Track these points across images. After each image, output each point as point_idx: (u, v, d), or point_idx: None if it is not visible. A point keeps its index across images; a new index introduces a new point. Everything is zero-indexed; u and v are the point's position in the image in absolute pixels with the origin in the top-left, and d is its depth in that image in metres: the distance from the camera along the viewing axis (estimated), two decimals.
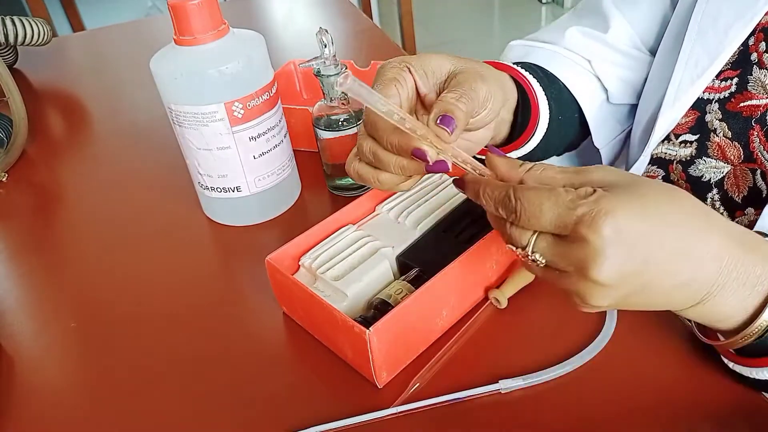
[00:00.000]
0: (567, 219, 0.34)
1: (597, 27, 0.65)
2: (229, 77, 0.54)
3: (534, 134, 0.56)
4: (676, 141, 0.60)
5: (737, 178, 0.55)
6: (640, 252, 0.33)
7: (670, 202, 0.35)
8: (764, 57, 0.53)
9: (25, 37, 0.96)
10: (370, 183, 0.44)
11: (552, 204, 0.34)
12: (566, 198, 0.34)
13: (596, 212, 0.32)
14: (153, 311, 0.55)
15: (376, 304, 0.47)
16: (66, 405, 0.48)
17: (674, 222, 0.34)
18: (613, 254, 0.33)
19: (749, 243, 0.36)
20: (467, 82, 0.42)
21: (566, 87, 0.64)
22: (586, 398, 0.43)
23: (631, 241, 0.33)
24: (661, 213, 0.34)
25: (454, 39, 3.07)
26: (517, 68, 0.56)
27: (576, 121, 0.65)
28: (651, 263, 0.34)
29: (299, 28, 1.20)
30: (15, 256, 0.65)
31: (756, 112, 0.54)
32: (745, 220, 0.55)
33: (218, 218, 0.65)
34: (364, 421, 0.43)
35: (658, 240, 0.33)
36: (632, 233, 0.33)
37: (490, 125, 0.48)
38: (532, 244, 0.36)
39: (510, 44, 0.70)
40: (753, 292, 0.36)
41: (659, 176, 0.62)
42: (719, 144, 0.56)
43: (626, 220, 0.33)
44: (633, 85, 0.67)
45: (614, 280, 0.33)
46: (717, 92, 0.57)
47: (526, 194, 0.35)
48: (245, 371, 0.48)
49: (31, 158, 0.82)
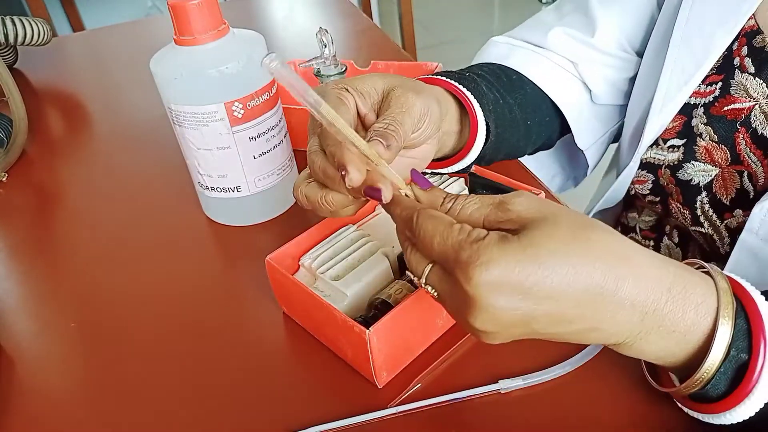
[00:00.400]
0: (450, 260, 0.33)
1: (582, 28, 0.65)
2: (229, 77, 0.54)
3: (475, 144, 0.55)
4: (664, 145, 0.60)
5: (725, 180, 0.56)
6: (520, 303, 0.32)
7: (582, 245, 0.32)
8: (745, 61, 0.54)
9: (25, 37, 0.96)
10: (316, 206, 0.42)
11: (441, 240, 0.34)
12: (456, 238, 0.33)
13: (475, 261, 0.31)
14: (153, 311, 0.55)
15: (376, 304, 0.47)
16: (66, 405, 0.48)
17: (577, 271, 0.32)
18: (486, 305, 0.32)
19: (678, 287, 0.34)
20: (402, 97, 0.42)
21: (542, 90, 0.64)
22: (586, 398, 0.43)
23: (508, 292, 0.31)
24: (561, 259, 0.31)
25: (454, 39, 3.07)
26: (451, 82, 0.54)
27: (549, 124, 0.65)
28: (538, 313, 0.32)
29: (299, 28, 1.20)
30: (15, 256, 0.65)
31: (740, 115, 0.55)
32: (734, 221, 0.55)
33: (218, 218, 0.65)
34: (364, 421, 0.43)
35: (547, 292, 0.31)
36: (509, 285, 0.31)
37: (433, 140, 0.48)
38: (426, 275, 0.36)
39: (492, 40, 0.70)
40: (683, 339, 0.34)
41: (649, 181, 0.63)
42: (706, 147, 0.57)
43: (504, 272, 0.31)
44: (619, 86, 0.67)
45: (492, 327, 0.33)
46: (702, 97, 0.57)
47: (424, 223, 0.35)
48: (245, 371, 0.48)
49: (31, 158, 0.82)
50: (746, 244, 0.52)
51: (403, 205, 0.38)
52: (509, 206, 0.34)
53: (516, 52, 0.66)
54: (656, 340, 0.34)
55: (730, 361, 0.34)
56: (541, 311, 0.32)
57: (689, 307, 0.34)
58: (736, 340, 0.34)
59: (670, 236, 0.65)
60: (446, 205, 0.37)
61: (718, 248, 0.58)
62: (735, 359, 0.34)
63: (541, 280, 0.31)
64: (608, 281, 0.32)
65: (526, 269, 0.31)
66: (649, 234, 0.67)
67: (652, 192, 0.63)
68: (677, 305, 0.33)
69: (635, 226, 0.69)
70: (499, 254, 0.31)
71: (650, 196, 0.63)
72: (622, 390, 0.43)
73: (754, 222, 0.51)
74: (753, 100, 0.54)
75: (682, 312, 0.34)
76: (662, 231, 0.66)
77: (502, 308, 0.32)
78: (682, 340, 0.34)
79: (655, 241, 0.67)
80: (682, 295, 0.34)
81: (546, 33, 0.66)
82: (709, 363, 0.34)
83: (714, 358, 0.34)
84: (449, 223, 0.34)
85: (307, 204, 0.42)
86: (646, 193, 0.63)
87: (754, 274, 0.52)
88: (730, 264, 0.54)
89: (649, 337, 0.34)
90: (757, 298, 0.35)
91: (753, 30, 0.54)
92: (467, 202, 0.36)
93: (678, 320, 0.34)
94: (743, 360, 0.34)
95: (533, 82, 0.64)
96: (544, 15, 0.70)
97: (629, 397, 0.42)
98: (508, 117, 0.57)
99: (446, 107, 0.51)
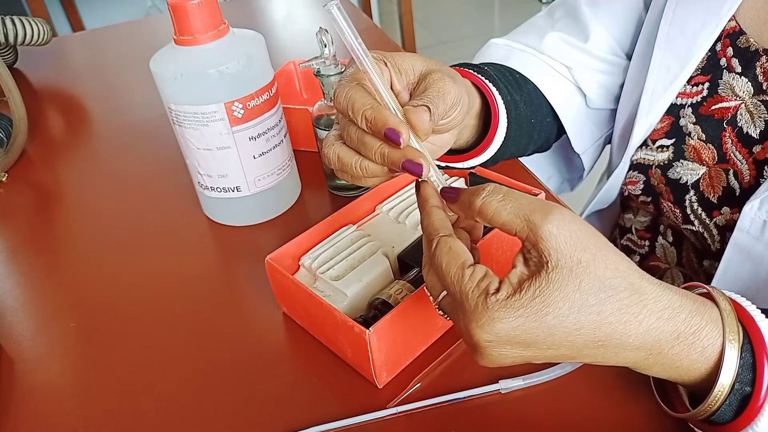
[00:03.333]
0: (458, 302, 0.34)
1: (576, 34, 0.66)
2: (229, 77, 0.54)
3: (494, 141, 0.56)
4: (653, 146, 0.61)
5: (712, 179, 0.57)
6: (523, 352, 0.33)
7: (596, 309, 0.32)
8: (732, 61, 0.55)
9: (25, 37, 0.96)
10: (347, 169, 0.40)
11: (452, 280, 0.34)
12: (465, 286, 0.34)
13: (478, 321, 0.32)
14: (153, 311, 0.55)
15: (376, 304, 0.47)
16: (66, 405, 0.48)
17: (581, 333, 0.32)
18: (488, 354, 0.33)
19: (687, 333, 0.34)
20: (441, 81, 0.42)
21: (541, 92, 0.64)
22: (586, 398, 0.43)
23: (510, 346, 0.33)
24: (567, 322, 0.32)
25: (454, 39, 3.07)
26: (479, 76, 0.56)
27: (549, 126, 0.66)
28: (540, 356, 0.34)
29: (299, 28, 1.20)
30: (15, 256, 0.65)
31: (727, 114, 0.56)
32: (722, 219, 0.56)
33: (218, 218, 0.65)
34: (364, 421, 0.43)
35: (549, 343, 0.33)
36: (512, 341, 0.32)
37: (455, 130, 0.48)
38: (440, 299, 0.37)
39: (491, 42, 0.70)
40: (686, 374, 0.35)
41: (640, 181, 0.63)
42: (694, 146, 0.58)
43: (508, 331, 0.32)
44: (612, 90, 0.68)
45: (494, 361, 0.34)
46: (689, 97, 0.58)
47: (441, 256, 0.35)
48: (245, 371, 0.48)
49: (31, 158, 0.82)
50: (738, 242, 0.53)
51: (429, 219, 0.37)
52: (540, 236, 0.32)
53: (515, 53, 0.67)
54: (659, 372, 0.35)
55: (734, 394, 0.34)
56: (543, 355, 0.34)
57: (694, 350, 0.34)
58: (740, 373, 0.34)
59: (665, 236, 0.66)
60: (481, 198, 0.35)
61: (709, 246, 0.59)
62: (739, 392, 0.34)
63: (542, 339, 0.32)
64: (613, 338, 0.33)
65: (528, 330, 0.32)
66: (645, 234, 0.68)
67: (644, 192, 0.64)
68: (683, 349, 0.34)
69: (631, 227, 0.70)
70: (504, 314, 0.32)
71: (642, 196, 0.64)
72: (622, 390, 0.43)
73: (744, 221, 0.52)
74: (739, 99, 0.55)
75: (686, 353, 0.34)
76: (657, 231, 0.67)
77: (504, 356, 0.33)
78: (685, 374, 0.35)
79: (650, 240, 0.67)
80: (690, 340, 0.34)
81: (542, 37, 0.66)
82: (715, 395, 0.34)
83: (719, 390, 0.34)
84: (462, 265, 0.34)
85: (336, 164, 0.41)
86: (638, 193, 0.64)
87: (748, 271, 0.53)
88: (723, 262, 0.54)
89: (653, 369, 0.35)
90: (761, 323, 0.35)
91: (735, 31, 0.56)
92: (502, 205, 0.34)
93: (683, 359, 0.34)
94: (747, 393, 0.34)
95: (533, 82, 0.64)
96: (538, 20, 0.71)
97: (628, 398, 0.42)
98: (513, 114, 0.58)
99: (473, 100, 0.52)
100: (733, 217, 0.55)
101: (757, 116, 0.54)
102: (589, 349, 0.33)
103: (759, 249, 0.51)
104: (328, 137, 0.42)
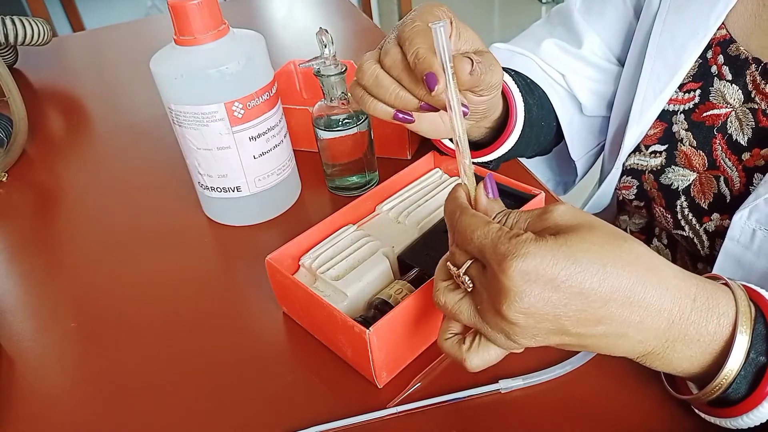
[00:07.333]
0: (488, 254, 0.34)
1: (570, 41, 0.67)
2: (229, 77, 0.54)
3: (509, 139, 0.57)
4: (646, 151, 0.62)
5: (702, 185, 0.58)
6: (552, 294, 0.32)
7: (614, 251, 0.33)
8: (723, 69, 0.57)
9: (25, 37, 0.96)
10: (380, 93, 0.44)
11: (480, 235, 0.35)
12: (494, 234, 0.34)
13: (512, 253, 0.32)
14: (153, 311, 0.55)
15: (376, 304, 0.47)
16: (66, 405, 0.48)
17: (607, 271, 0.33)
18: (520, 293, 0.32)
19: (702, 298, 0.35)
20: (492, 62, 0.45)
21: (548, 97, 0.66)
22: (586, 398, 0.43)
23: (541, 283, 0.32)
24: (593, 259, 0.32)
25: None
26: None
27: (552, 130, 0.68)
28: (568, 308, 0.33)
29: (299, 28, 1.20)
30: (15, 256, 0.65)
31: (717, 121, 0.57)
32: (712, 225, 0.57)
33: (218, 218, 0.65)
34: (364, 421, 0.43)
35: (578, 288, 0.32)
36: (543, 278, 0.32)
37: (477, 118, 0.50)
38: (466, 267, 0.37)
39: (493, 46, 0.72)
40: (707, 349, 0.35)
41: (634, 186, 0.64)
42: (686, 153, 0.59)
43: (539, 264, 0.32)
44: (605, 97, 0.69)
45: (524, 319, 0.33)
46: (681, 104, 0.60)
47: (463, 219, 0.36)
48: (245, 371, 0.48)
49: (31, 158, 0.82)
50: (729, 251, 0.54)
51: (450, 200, 0.38)
52: (547, 214, 0.35)
53: (517, 58, 0.68)
54: (682, 349, 0.35)
55: (750, 364, 0.34)
56: (571, 307, 0.33)
57: (712, 317, 0.35)
58: (755, 343, 0.34)
59: (660, 238, 0.67)
60: (498, 217, 0.37)
61: (699, 251, 0.60)
62: (754, 362, 0.35)
63: (572, 275, 0.32)
64: (636, 286, 0.33)
65: (559, 263, 0.32)
66: (640, 236, 0.69)
67: (637, 197, 0.65)
68: (701, 315, 0.35)
69: (626, 229, 0.71)
70: (536, 249, 0.32)
71: (636, 201, 0.65)
72: (622, 390, 0.43)
73: (734, 230, 0.53)
74: (729, 106, 0.56)
75: (705, 321, 0.35)
76: (652, 233, 0.68)
77: (535, 297, 0.33)
78: (706, 349, 0.35)
79: (646, 242, 0.68)
80: (705, 305, 0.35)
81: (539, 44, 0.68)
82: (729, 368, 0.35)
83: (733, 364, 0.34)
84: (488, 221, 0.35)
85: (370, 80, 0.44)
86: (631, 198, 0.65)
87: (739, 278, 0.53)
88: (715, 269, 0.55)
89: (675, 346, 0.35)
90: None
91: (726, 39, 0.57)
92: (514, 218, 0.37)
93: (702, 329, 0.35)
94: (762, 363, 0.35)
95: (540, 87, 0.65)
96: (537, 28, 0.72)
97: (629, 398, 0.42)
98: (526, 116, 0.59)
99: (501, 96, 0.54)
100: (722, 224, 0.56)
101: (746, 124, 0.55)
102: (616, 303, 0.33)
103: (749, 257, 0.53)
104: (366, 55, 0.45)
